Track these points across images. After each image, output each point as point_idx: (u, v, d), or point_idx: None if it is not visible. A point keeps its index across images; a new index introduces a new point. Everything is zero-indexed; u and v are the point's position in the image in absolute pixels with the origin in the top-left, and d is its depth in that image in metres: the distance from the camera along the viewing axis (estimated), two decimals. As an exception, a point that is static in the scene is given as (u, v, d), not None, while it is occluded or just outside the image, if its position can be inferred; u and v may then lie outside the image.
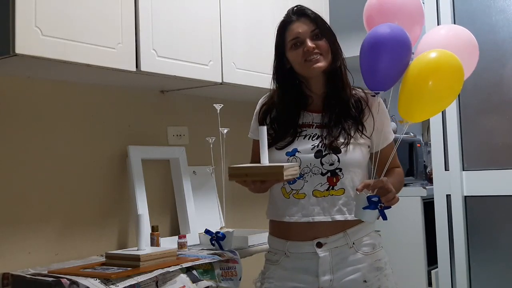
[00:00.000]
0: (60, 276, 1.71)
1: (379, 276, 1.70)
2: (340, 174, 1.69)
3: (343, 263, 1.69)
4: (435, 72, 1.62)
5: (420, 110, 1.68)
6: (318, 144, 1.70)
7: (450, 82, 1.64)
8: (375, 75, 1.66)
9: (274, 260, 1.76)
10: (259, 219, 2.72)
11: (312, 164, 1.69)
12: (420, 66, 1.64)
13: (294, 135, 1.74)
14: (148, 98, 2.49)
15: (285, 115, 1.78)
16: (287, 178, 1.56)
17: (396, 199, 1.58)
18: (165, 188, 2.50)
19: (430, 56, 1.64)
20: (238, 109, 2.58)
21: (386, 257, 1.75)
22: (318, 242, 1.69)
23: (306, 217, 1.69)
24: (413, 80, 1.63)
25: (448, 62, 1.62)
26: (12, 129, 1.99)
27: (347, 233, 1.70)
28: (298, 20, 1.76)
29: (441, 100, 1.68)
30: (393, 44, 1.64)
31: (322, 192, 1.69)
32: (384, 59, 1.64)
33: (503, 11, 2.67)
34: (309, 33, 1.74)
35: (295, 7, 1.80)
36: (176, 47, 2.16)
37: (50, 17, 1.75)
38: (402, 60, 1.65)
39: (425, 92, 1.62)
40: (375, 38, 1.66)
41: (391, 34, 1.64)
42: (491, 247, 2.70)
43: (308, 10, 1.78)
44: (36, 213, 2.03)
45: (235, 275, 2.06)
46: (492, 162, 2.70)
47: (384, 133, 1.77)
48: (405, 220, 3.23)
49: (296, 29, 1.75)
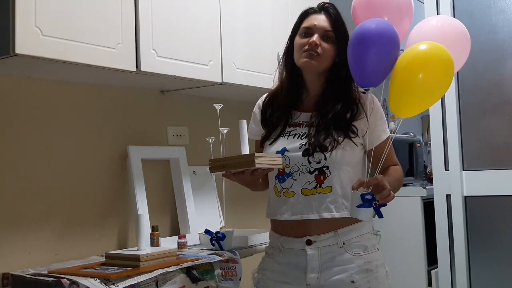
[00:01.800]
0: (60, 276, 1.71)
1: (369, 278, 1.68)
2: (327, 172, 1.69)
3: (331, 262, 1.69)
4: (424, 64, 1.58)
5: (409, 104, 1.63)
6: (306, 143, 1.71)
7: (439, 75, 1.59)
8: (363, 71, 1.63)
9: (270, 254, 1.80)
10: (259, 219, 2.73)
11: (300, 162, 1.71)
12: (408, 59, 1.59)
13: (283, 134, 1.77)
14: (148, 98, 2.49)
15: (279, 113, 1.81)
16: (261, 166, 1.61)
17: (392, 196, 1.57)
18: (165, 188, 2.50)
19: (418, 48, 1.60)
20: (238, 109, 2.57)
21: (379, 260, 1.73)
22: (308, 239, 1.70)
23: (295, 215, 1.71)
24: (402, 74, 1.59)
25: (437, 54, 1.58)
26: (12, 129, 1.99)
27: (337, 233, 1.70)
28: (319, 14, 1.78)
29: (431, 94, 1.63)
30: (380, 39, 1.60)
31: (310, 190, 1.70)
32: (372, 55, 1.60)
33: (503, 11, 2.67)
34: (322, 30, 1.75)
35: (325, 3, 1.81)
36: (176, 47, 2.16)
37: (50, 17, 1.75)
38: (390, 55, 1.61)
39: (414, 86, 1.58)
40: (361, 33, 1.62)
41: (377, 29, 1.60)
42: (491, 247, 2.70)
43: (334, 10, 1.78)
44: (36, 213, 2.03)
45: (235, 275, 2.06)
46: (492, 162, 2.70)
47: (377, 132, 1.76)
48: (405, 220, 3.23)
49: (314, 21, 1.77)
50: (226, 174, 1.71)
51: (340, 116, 1.73)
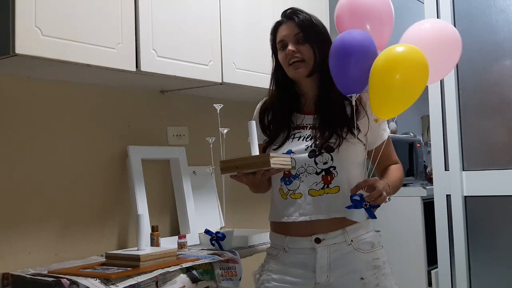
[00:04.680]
0: (60, 276, 1.71)
1: (377, 275, 1.70)
2: (335, 172, 1.70)
3: (341, 260, 1.69)
4: (396, 65, 1.58)
5: (386, 105, 1.64)
6: (311, 144, 1.72)
7: (413, 75, 1.58)
8: (345, 80, 1.66)
9: (274, 255, 1.78)
10: (259, 219, 2.73)
11: (306, 164, 1.71)
12: (381, 62, 1.60)
13: (287, 137, 1.77)
14: (148, 98, 2.49)
15: (279, 117, 1.81)
16: (274, 166, 1.60)
17: (383, 197, 1.58)
18: (165, 188, 2.50)
19: (392, 50, 1.60)
20: (238, 109, 2.58)
21: (385, 257, 1.75)
22: (316, 237, 1.70)
23: (303, 216, 1.71)
24: (375, 76, 1.60)
25: (409, 55, 1.58)
26: (12, 129, 1.99)
27: (346, 230, 1.70)
28: (285, 23, 1.79)
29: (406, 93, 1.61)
30: (357, 52, 1.63)
31: (317, 191, 1.70)
32: (351, 64, 1.62)
33: (503, 11, 2.67)
34: (292, 36, 1.75)
35: (288, 9, 1.81)
36: (176, 47, 2.17)
37: (50, 17, 1.75)
38: (368, 63, 1.62)
39: (387, 87, 1.58)
40: (339, 45, 1.64)
41: (354, 40, 1.63)
42: (491, 247, 2.70)
43: (299, 13, 1.78)
44: (36, 213, 2.03)
45: (235, 275, 2.06)
46: (492, 162, 2.70)
47: (379, 131, 1.77)
48: (405, 220, 3.23)
49: (282, 32, 1.78)
50: (237, 175, 1.68)
51: (341, 114, 1.74)
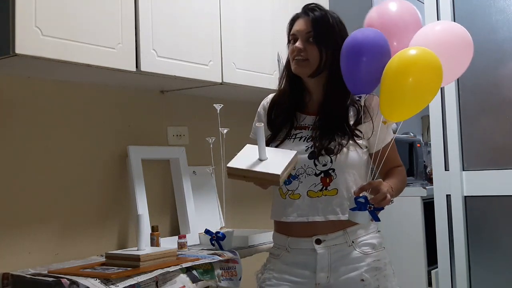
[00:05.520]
0: (60, 276, 1.71)
1: (378, 276, 1.69)
2: (333, 174, 1.69)
3: (341, 261, 1.69)
4: (410, 68, 1.57)
5: (398, 108, 1.63)
6: (312, 146, 1.71)
7: (426, 78, 1.58)
8: (355, 80, 1.64)
9: (276, 254, 1.79)
10: (259, 219, 2.73)
11: (306, 165, 1.71)
12: (394, 65, 1.59)
13: (289, 134, 1.77)
14: (148, 98, 2.49)
15: (285, 111, 1.81)
16: (282, 181, 1.58)
17: (387, 200, 1.57)
18: (165, 188, 2.50)
19: (405, 53, 1.59)
20: (238, 109, 2.58)
21: (387, 258, 1.75)
22: (317, 239, 1.70)
23: (301, 217, 1.71)
24: (389, 79, 1.59)
25: (424, 59, 1.57)
26: (12, 129, 1.99)
27: (346, 232, 1.70)
28: (302, 18, 1.77)
29: (419, 97, 1.61)
30: (370, 49, 1.61)
31: (316, 193, 1.70)
32: (362, 64, 1.61)
33: (503, 11, 2.67)
34: (304, 34, 1.74)
35: (310, 4, 1.79)
36: (176, 47, 2.16)
37: (50, 17, 1.75)
38: (380, 63, 1.61)
39: (400, 90, 1.58)
40: (351, 44, 1.63)
41: (366, 39, 1.61)
42: (491, 247, 2.70)
43: (317, 10, 1.76)
44: (36, 213, 2.03)
45: (235, 275, 2.06)
46: (492, 162, 2.70)
47: (383, 134, 1.75)
48: (405, 220, 3.23)
49: (296, 26, 1.77)
50: None
51: (343, 120, 1.73)
